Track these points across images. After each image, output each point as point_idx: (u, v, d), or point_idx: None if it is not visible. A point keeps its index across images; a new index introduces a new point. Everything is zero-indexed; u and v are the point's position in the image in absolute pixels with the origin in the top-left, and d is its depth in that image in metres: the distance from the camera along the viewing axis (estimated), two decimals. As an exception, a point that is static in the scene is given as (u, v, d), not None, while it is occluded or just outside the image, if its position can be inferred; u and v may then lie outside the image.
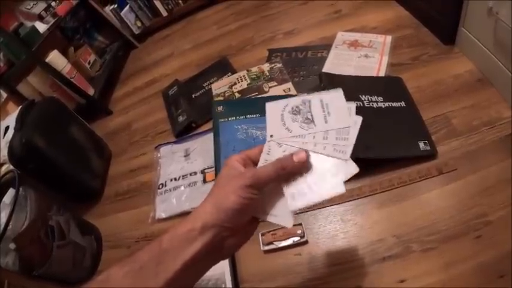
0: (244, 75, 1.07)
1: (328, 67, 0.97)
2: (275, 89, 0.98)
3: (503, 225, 0.55)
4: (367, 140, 0.65)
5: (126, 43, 1.68)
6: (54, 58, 1.22)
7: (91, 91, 1.34)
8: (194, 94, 1.15)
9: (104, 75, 1.44)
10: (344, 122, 0.38)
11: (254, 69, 1.07)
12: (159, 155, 1.00)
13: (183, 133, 1.03)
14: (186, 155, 0.95)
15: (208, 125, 1.01)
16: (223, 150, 0.81)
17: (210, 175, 0.87)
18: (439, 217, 0.60)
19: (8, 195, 0.70)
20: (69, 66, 1.27)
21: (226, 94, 1.03)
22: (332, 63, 0.98)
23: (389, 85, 0.84)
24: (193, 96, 1.15)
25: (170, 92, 1.21)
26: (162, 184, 0.91)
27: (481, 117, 0.71)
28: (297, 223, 0.67)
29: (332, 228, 0.67)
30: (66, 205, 0.82)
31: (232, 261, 0.67)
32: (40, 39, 1.19)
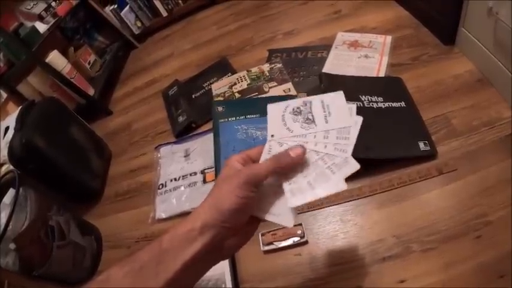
0: (244, 75, 1.07)
1: (328, 67, 0.97)
2: (275, 89, 0.98)
3: (503, 225, 0.55)
4: (367, 140, 0.65)
5: (126, 43, 1.68)
6: (54, 58, 1.22)
7: (91, 91, 1.34)
8: (194, 94, 1.15)
9: (104, 75, 1.44)
10: (345, 122, 0.39)
11: (254, 69, 1.07)
12: (159, 155, 1.00)
13: (183, 133, 1.03)
14: (186, 155, 0.95)
15: (208, 125, 1.01)
16: (223, 150, 0.81)
17: (210, 175, 0.87)
18: (439, 217, 0.60)
19: (8, 195, 0.70)
20: (69, 66, 1.27)
21: (226, 94, 1.04)
22: (332, 63, 0.98)
23: (389, 85, 0.84)
24: (193, 96, 1.15)
25: (170, 92, 1.21)
26: (162, 184, 0.91)
27: (481, 117, 0.71)
28: (297, 223, 0.67)
29: (332, 228, 0.67)
30: (66, 205, 0.82)
31: (232, 261, 0.67)
32: (40, 39, 1.19)
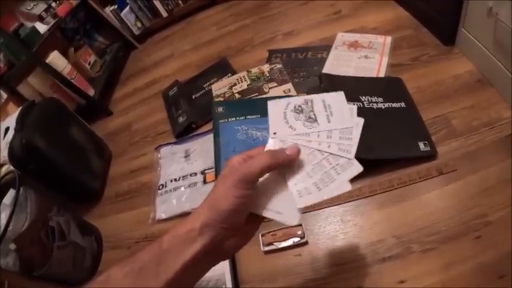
0: (244, 76, 1.07)
1: (328, 68, 0.97)
2: (275, 90, 0.98)
3: (503, 225, 0.55)
4: (367, 141, 0.64)
5: (126, 44, 1.68)
6: (54, 59, 1.23)
7: (91, 92, 1.34)
8: (194, 95, 1.15)
9: (104, 76, 1.44)
10: (347, 123, 0.39)
11: (254, 70, 1.07)
12: (159, 156, 1.00)
13: (183, 134, 1.03)
14: (186, 156, 0.95)
15: (208, 126, 1.01)
16: (223, 151, 0.81)
17: (210, 176, 0.87)
18: (439, 218, 0.60)
19: (8, 196, 0.70)
20: (69, 67, 1.27)
21: (226, 95, 1.04)
22: (332, 64, 0.98)
23: (389, 86, 0.84)
24: (193, 97, 1.15)
25: (170, 93, 1.21)
26: (162, 185, 0.91)
27: (481, 117, 0.71)
28: (297, 224, 0.67)
29: (332, 229, 0.67)
30: (66, 206, 0.82)
31: (232, 261, 0.67)
32: (40, 39, 1.19)
